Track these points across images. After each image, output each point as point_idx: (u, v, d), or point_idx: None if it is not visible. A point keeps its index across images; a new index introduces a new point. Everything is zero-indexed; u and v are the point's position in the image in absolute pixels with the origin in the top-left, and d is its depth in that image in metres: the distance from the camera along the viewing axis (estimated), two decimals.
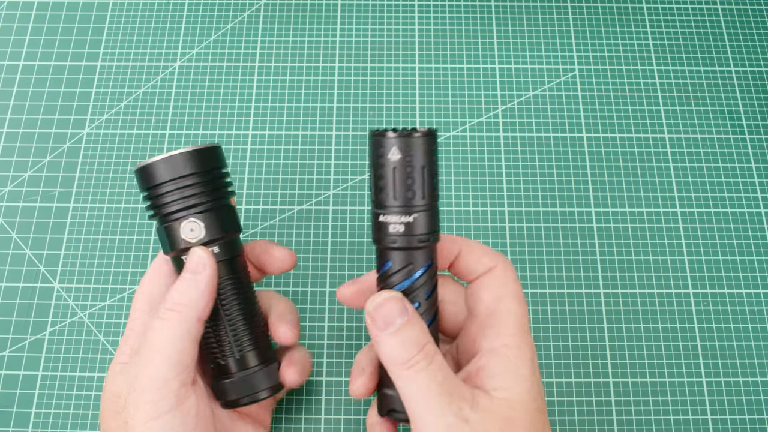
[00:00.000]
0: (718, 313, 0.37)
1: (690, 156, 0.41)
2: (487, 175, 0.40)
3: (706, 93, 0.43)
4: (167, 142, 0.41)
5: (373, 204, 0.27)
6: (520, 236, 0.39)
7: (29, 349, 0.36)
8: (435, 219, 0.27)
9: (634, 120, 0.42)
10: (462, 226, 0.39)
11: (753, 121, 0.42)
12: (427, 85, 0.43)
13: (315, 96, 0.42)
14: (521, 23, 0.45)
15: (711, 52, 0.44)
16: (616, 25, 0.45)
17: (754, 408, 0.35)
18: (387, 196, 0.26)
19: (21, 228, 0.39)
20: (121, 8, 0.45)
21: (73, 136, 0.41)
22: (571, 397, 0.35)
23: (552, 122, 0.42)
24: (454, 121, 0.42)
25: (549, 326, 0.37)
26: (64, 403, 0.35)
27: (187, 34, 0.44)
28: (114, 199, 0.40)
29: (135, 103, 0.42)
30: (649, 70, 0.43)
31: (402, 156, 0.25)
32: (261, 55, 0.43)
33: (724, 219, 0.40)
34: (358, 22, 0.44)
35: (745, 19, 0.45)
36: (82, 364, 0.36)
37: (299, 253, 0.39)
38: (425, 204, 0.26)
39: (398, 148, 0.25)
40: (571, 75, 0.43)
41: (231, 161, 0.41)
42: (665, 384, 0.36)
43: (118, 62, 0.43)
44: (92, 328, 0.37)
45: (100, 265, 0.38)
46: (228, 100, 0.42)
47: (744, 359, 0.36)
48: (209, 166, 0.28)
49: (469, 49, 0.44)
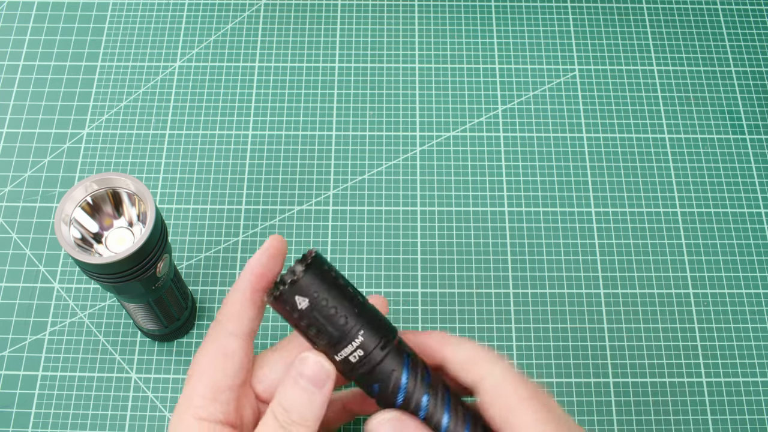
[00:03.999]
0: (718, 313, 0.37)
1: (690, 156, 0.41)
2: (487, 175, 0.40)
3: (706, 93, 0.43)
4: (167, 142, 0.41)
5: (324, 354, 0.25)
6: (520, 236, 0.39)
7: (29, 349, 0.36)
8: (379, 320, 0.25)
9: (634, 120, 0.42)
10: (462, 226, 0.39)
11: (753, 121, 0.42)
12: (427, 85, 0.43)
13: (315, 96, 0.42)
14: (521, 23, 0.45)
15: (711, 52, 0.44)
16: (616, 25, 0.45)
17: (754, 408, 0.35)
18: (328, 336, 0.24)
19: (21, 228, 0.39)
20: (121, 8, 0.45)
21: (73, 136, 0.41)
22: (571, 397, 0.35)
23: (552, 122, 0.42)
24: (454, 121, 0.42)
25: (549, 326, 0.37)
26: (64, 403, 0.35)
27: (187, 34, 0.44)
28: None
29: (135, 103, 0.42)
30: (649, 70, 0.43)
31: (308, 299, 0.24)
32: (261, 55, 0.43)
33: (724, 219, 0.40)
34: (358, 22, 0.44)
35: (745, 19, 0.45)
36: (82, 364, 0.36)
37: (299, 253, 0.39)
38: (361, 317, 0.25)
39: (300, 296, 0.24)
40: (571, 75, 0.43)
41: (231, 161, 0.41)
42: (665, 384, 0.36)
43: (118, 62, 0.43)
44: (92, 328, 0.37)
45: None
46: (228, 100, 0.42)
47: (744, 359, 0.36)
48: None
49: (469, 49, 0.44)
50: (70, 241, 0.27)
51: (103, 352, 0.36)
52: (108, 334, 0.37)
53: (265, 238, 0.39)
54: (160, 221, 0.28)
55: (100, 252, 0.28)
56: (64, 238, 0.27)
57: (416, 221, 0.39)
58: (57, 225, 0.27)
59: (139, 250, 0.27)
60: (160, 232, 0.28)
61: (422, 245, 0.39)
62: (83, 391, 0.35)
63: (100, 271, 0.27)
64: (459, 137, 0.41)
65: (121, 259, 0.26)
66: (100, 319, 0.37)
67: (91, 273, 0.28)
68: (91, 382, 0.36)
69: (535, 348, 0.36)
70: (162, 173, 0.40)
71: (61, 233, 0.27)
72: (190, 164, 0.40)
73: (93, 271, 0.27)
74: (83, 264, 0.27)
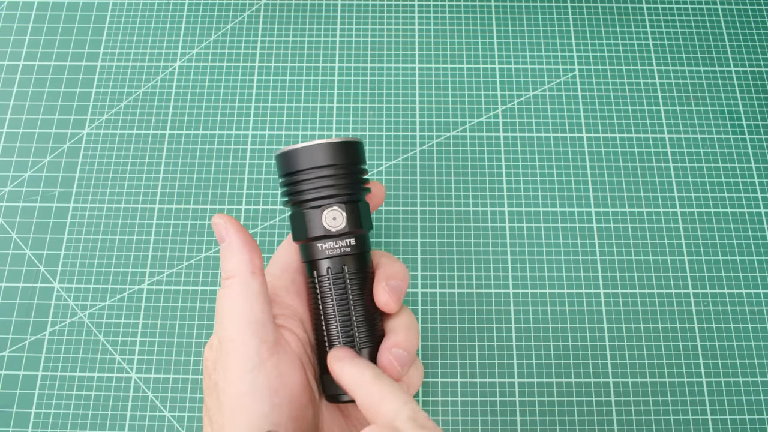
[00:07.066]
0: (718, 313, 0.37)
1: (690, 156, 0.41)
2: (487, 175, 0.40)
3: (706, 93, 0.43)
4: (167, 142, 0.41)
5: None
6: (520, 236, 0.39)
7: (29, 349, 0.36)
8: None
9: (634, 120, 0.42)
10: (462, 226, 0.39)
11: (753, 121, 0.42)
12: (427, 85, 0.43)
13: (315, 96, 0.42)
14: (521, 23, 0.45)
15: (711, 52, 0.44)
16: (616, 25, 0.45)
17: (754, 408, 0.35)
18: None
19: (21, 228, 0.39)
20: (121, 8, 0.45)
21: (73, 136, 0.41)
22: (571, 397, 0.35)
23: (552, 122, 0.42)
24: (454, 121, 0.42)
25: (549, 326, 0.37)
26: (64, 403, 0.35)
27: (187, 34, 0.44)
28: (114, 199, 0.40)
29: (135, 103, 0.42)
30: (649, 70, 0.43)
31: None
32: (261, 55, 0.43)
33: (724, 219, 0.40)
34: (358, 22, 0.44)
35: (745, 19, 0.45)
36: (82, 364, 0.36)
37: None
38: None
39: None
40: (571, 75, 0.43)
41: (231, 161, 0.41)
42: (665, 384, 0.36)
43: (118, 62, 0.43)
44: (92, 328, 0.37)
45: (100, 265, 0.38)
46: (228, 100, 0.42)
47: (744, 359, 0.36)
48: (359, 157, 0.29)
49: (469, 49, 0.44)
50: None
51: (103, 352, 0.36)
52: (108, 334, 0.37)
53: (265, 238, 0.39)
54: None
55: None
56: None
57: (416, 221, 0.39)
58: None
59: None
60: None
61: (422, 245, 0.39)
62: (83, 391, 0.35)
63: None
64: (459, 137, 0.41)
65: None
66: (100, 319, 0.37)
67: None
68: (91, 382, 0.36)
69: (535, 348, 0.36)
70: (162, 173, 0.40)
71: None
72: (190, 164, 0.40)
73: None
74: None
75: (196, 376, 0.36)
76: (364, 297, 0.28)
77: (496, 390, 0.36)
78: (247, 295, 0.27)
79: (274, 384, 0.26)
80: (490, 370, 0.36)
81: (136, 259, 0.38)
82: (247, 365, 0.26)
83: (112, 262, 0.38)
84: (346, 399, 0.28)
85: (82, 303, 0.37)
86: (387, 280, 0.28)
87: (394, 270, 0.29)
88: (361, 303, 0.28)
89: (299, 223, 0.28)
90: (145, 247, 0.39)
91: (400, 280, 0.29)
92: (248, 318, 0.26)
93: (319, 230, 0.28)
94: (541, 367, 0.36)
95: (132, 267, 0.38)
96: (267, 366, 0.26)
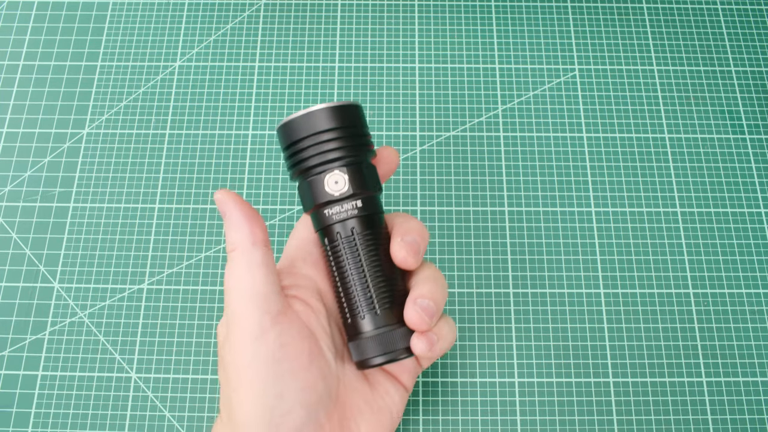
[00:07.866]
0: (718, 313, 0.37)
1: (690, 156, 0.41)
2: (487, 175, 0.40)
3: (706, 93, 0.43)
4: (167, 142, 0.41)
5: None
6: (520, 236, 0.39)
7: (29, 349, 0.36)
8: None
9: (634, 120, 0.42)
10: (462, 225, 0.39)
11: (753, 121, 0.42)
12: (427, 85, 0.43)
13: (315, 96, 0.42)
14: (521, 23, 0.45)
15: (711, 52, 0.44)
16: (616, 25, 0.45)
17: (754, 408, 0.35)
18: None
19: (21, 228, 0.39)
20: (121, 8, 0.45)
21: (73, 136, 0.41)
22: (571, 397, 0.35)
23: (552, 122, 0.42)
24: (454, 121, 0.42)
25: (549, 326, 0.37)
26: (64, 403, 0.35)
27: (187, 34, 0.44)
28: (114, 199, 0.40)
29: (135, 103, 0.42)
30: (649, 70, 0.43)
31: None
32: (261, 55, 0.43)
33: (724, 219, 0.40)
34: (358, 22, 0.44)
35: (745, 19, 0.45)
36: (82, 364, 0.36)
37: None
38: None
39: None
40: (571, 75, 0.43)
41: (231, 161, 0.41)
42: (665, 384, 0.36)
43: (118, 62, 0.43)
44: (92, 328, 0.37)
45: (100, 265, 0.38)
46: (228, 100, 0.42)
47: (744, 359, 0.36)
48: (357, 120, 0.28)
49: (469, 49, 0.44)
50: None
51: (103, 352, 0.36)
52: (108, 334, 0.37)
53: None
54: None
55: None
56: None
57: None
58: None
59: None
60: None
61: None
62: (83, 391, 0.35)
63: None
64: (459, 137, 0.41)
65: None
66: (100, 319, 0.37)
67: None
68: (91, 382, 0.36)
69: (535, 348, 0.36)
70: (162, 173, 0.40)
71: None
72: (190, 164, 0.41)
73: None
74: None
75: (196, 375, 0.36)
76: (380, 258, 0.28)
77: (496, 390, 0.36)
78: (249, 267, 0.27)
79: (277, 354, 0.26)
80: (490, 370, 0.36)
81: (136, 259, 0.38)
82: (248, 337, 0.26)
83: (112, 261, 0.38)
84: (375, 363, 0.27)
85: (82, 303, 0.37)
86: (402, 236, 0.28)
87: (409, 226, 0.28)
88: (377, 264, 0.28)
89: (305, 193, 0.28)
90: (145, 247, 0.39)
91: (417, 234, 0.28)
92: (250, 289, 0.26)
93: (323, 196, 0.28)
94: (541, 366, 0.36)
95: (132, 267, 0.38)
96: (269, 337, 0.26)
